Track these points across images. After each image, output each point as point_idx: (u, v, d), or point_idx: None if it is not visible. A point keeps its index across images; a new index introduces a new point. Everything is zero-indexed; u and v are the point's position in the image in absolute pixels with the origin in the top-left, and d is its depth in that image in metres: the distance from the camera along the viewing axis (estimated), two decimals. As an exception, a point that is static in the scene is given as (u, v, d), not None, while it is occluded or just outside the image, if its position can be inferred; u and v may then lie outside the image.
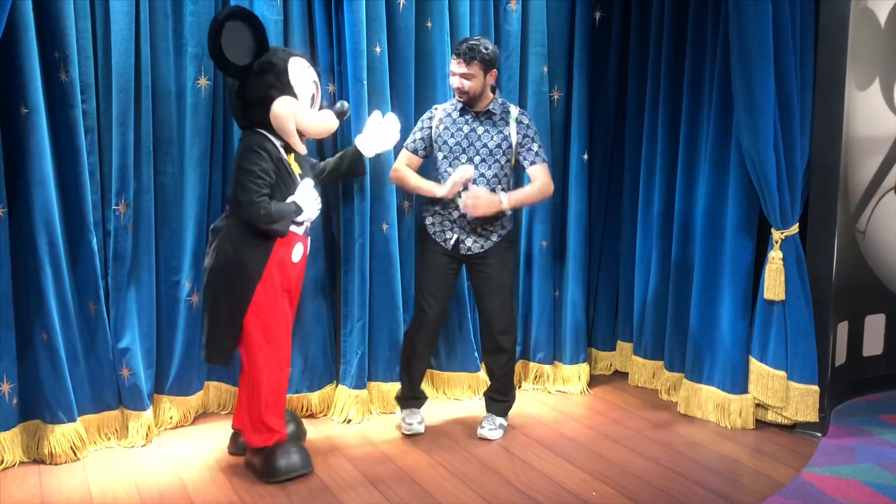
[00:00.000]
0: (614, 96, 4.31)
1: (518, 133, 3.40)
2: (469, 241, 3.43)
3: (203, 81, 3.42)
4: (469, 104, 3.37)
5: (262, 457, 3.09)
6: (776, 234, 3.53)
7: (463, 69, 3.27)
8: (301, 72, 3.10)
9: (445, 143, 3.40)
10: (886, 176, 4.01)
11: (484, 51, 3.26)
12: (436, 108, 3.50)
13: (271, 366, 3.11)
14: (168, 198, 3.47)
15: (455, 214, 3.41)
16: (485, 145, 3.37)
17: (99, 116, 3.26)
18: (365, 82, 3.58)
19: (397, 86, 3.75)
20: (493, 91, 3.44)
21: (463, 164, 3.37)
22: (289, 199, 3.08)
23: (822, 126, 3.52)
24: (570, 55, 4.12)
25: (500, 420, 3.60)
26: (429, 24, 3.80)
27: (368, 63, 3.59)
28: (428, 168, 3.54)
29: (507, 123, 3.41)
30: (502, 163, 3.40)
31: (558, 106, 4.14)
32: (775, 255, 3.53)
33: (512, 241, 3.58)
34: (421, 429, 3.56)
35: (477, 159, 3.37)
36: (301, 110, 3.08)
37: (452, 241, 3.43)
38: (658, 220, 4.09)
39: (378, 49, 3.63)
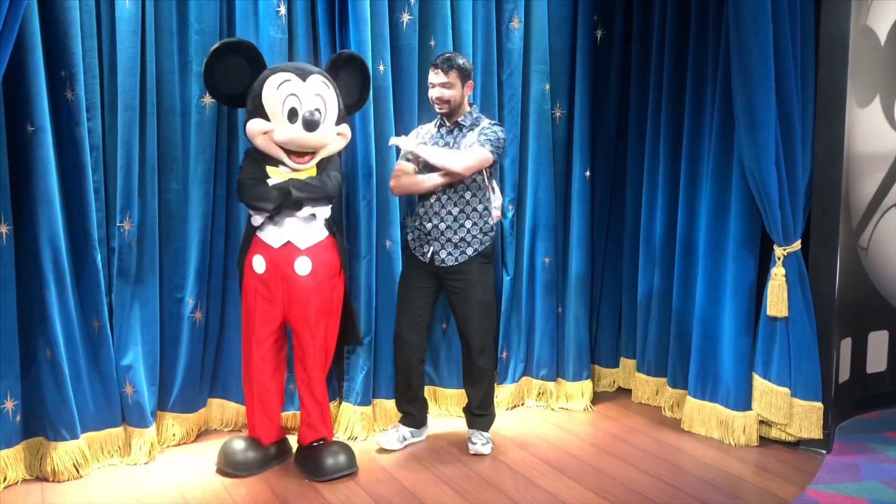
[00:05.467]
0: (616, 113, 4.33)
1: (478, 134, 3.41)
2: (443, 254, 3.44)
3: (208, 99, 3.44)
4: (448, 115, 3.43)
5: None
6: (778, 251, 3.54)
7: (442, 79, 3.35)
8: (273, 89, 3.11)
9: None
10: (888, 192, 4.02)
11: (460, 61, 3.36)
12: (421, 127, 3.58)
13: (244, 363, 3.32)
14: (172, 215, 3.49)
15: (428, 226, 3.43)
16: None
17: (104, 134, 3.29)
18: (370, 99, 3.61)
19: (401, 103, 3.78)
20: (471, 104, 3.50)
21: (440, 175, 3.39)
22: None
23: (824, 143, 3.53)
24: (571, 73, 4.14)
25: (486, 434, 3.60)
26: (432, 43, 3.83)
27: (373, 81, 3.62)
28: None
29: (475, 132, 3.44)
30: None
31: (560, 123, 4.16)
32: (778, 272, 3.53)
33: (489, 258, 3.54)
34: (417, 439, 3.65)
35: None
36: (273, 127, 3.11)
37: (429, 255, 3.45)
38: (660, 236, 4.09)
39: (382, 67, 3.66)
